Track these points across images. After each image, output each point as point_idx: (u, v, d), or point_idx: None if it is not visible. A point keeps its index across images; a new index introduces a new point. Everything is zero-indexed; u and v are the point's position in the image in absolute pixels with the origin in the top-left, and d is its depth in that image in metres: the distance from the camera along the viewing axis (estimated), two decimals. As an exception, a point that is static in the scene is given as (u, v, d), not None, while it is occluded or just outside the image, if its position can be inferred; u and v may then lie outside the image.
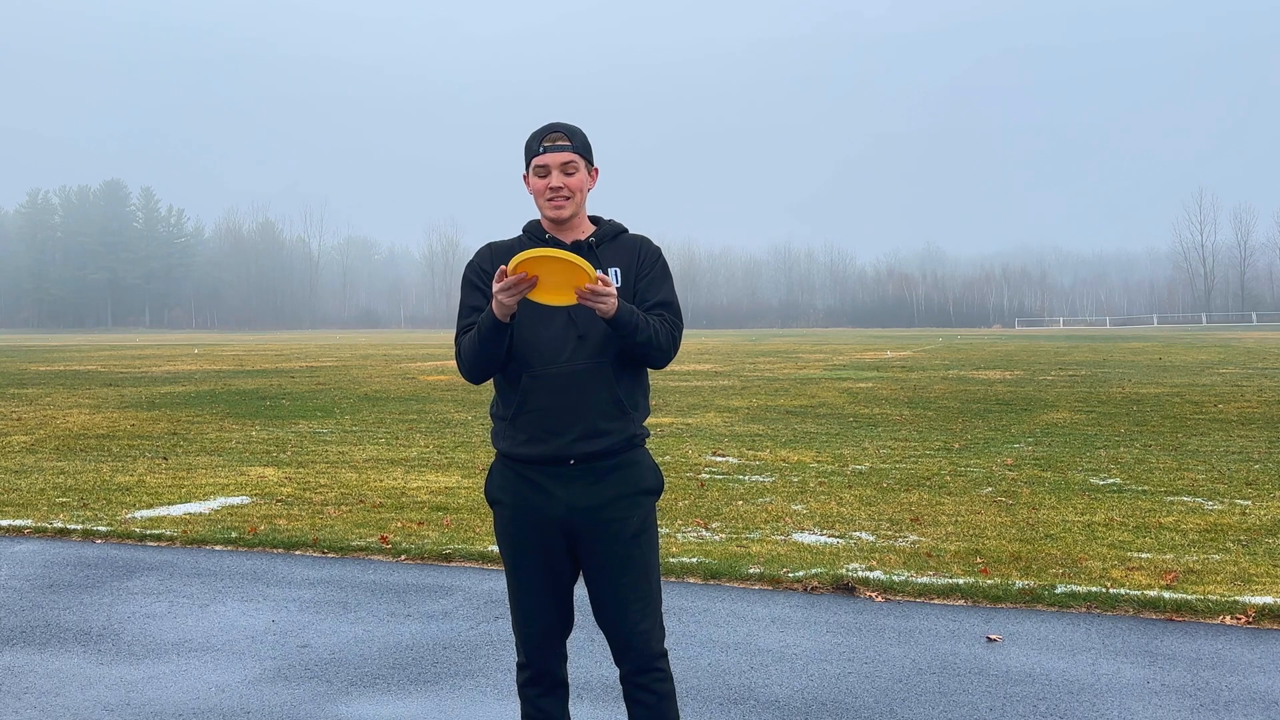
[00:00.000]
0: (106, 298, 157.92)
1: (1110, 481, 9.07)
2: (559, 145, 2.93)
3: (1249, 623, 5.02)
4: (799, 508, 7.90)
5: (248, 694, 4.24)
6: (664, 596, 5.57)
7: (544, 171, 2.93)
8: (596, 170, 3.06)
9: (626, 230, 3.10)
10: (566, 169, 2.93)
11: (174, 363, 34.06)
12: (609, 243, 3.02)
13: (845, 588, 5.66)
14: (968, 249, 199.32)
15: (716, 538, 6.89)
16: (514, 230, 3.10)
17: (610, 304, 2.71)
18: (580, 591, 3.01)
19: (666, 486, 8.81)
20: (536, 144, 2.95)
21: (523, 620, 2.98)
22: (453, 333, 3.02)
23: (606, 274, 2.86)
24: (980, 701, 4.11)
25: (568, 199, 2.93)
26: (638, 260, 3.02)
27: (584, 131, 3.04)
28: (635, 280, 2.99)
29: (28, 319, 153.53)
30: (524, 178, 3.02)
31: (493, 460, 3.04)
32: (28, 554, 6.74)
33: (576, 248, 2.94)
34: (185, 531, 7.23)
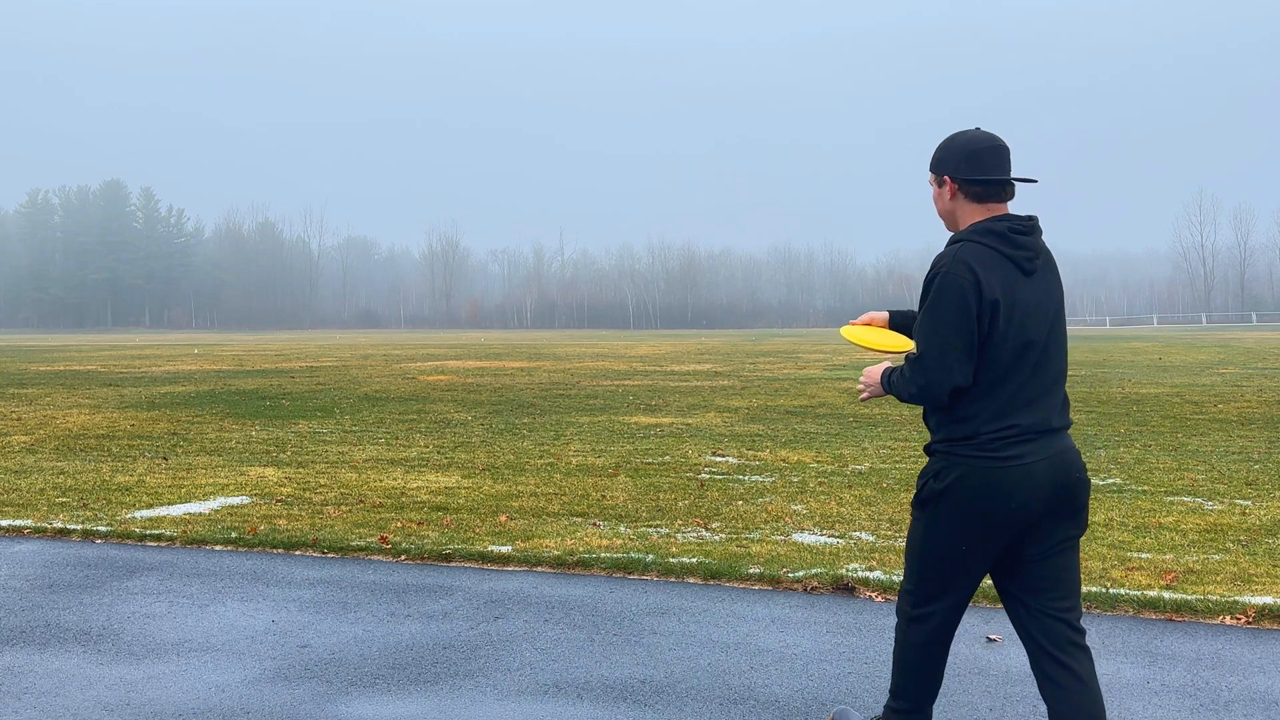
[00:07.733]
0: (106, 298, 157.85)
1: (1110, 481, 9.07)
2: None
3: (1249, 623, 5.03)
4: (799, 508, 7.91)
5: (248, 694, 4.25)
6: (664, 596, 5.58)
7: None
8: (947, 180, 3.00)
9: (948, 245, 3.00)
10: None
11: (174, 363, 34.07)
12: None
13: (845, 588, 5.66)
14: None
15: (716, 538, 6.89)
16: (513, 231, 3.11)
17: (870, 392, 3.11)
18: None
19: (666, 487, 8.85)
20: None
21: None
22: (450, 333, 3.02)
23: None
24: (980, 701, 4.11)
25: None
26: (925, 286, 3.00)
27: (941, 145, 3.05)
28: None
29: (28, 319, 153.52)
30: None
31: None
32: (28, 554, 6.74)
33: None
34: (185, 531, 7.23)
